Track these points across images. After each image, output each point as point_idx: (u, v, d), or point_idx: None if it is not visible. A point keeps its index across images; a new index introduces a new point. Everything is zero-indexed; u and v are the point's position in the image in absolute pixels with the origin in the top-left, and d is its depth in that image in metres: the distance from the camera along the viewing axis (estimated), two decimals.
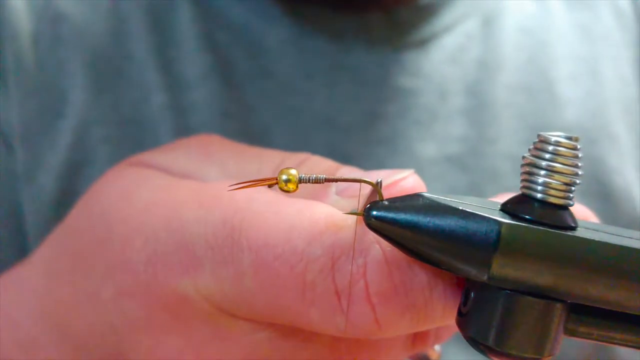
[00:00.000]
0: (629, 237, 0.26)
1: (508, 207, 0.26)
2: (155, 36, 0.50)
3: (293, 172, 0.27)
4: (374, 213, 0.26)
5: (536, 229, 0.24)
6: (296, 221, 0.27)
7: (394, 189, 0.29)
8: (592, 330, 0.26)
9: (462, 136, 0.51)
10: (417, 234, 0.25)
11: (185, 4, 0.50)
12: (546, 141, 0.25)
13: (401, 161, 0.49)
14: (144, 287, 0.30)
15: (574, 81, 0.54)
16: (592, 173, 0.52)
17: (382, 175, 0.29)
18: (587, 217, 0.33)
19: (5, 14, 0.48)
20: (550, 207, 0.25)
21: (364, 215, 0.26)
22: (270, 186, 0.27)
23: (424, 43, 0.52)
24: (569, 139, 0.25)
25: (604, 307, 0.25)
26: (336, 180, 0.28)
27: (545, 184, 0.25)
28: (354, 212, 0.27)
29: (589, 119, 0.54)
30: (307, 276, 0.27)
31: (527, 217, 0.25)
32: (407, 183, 0.30)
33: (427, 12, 0.52)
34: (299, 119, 0.49)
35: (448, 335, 0.33)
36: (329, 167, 0.31)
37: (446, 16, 0.53)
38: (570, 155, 0.25)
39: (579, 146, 0.25)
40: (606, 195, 0.52)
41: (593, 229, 0.26)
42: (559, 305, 0.25)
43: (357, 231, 0.27)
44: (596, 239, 0.24)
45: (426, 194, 0.26)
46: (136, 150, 0.38)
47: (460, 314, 0.26)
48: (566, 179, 0.25)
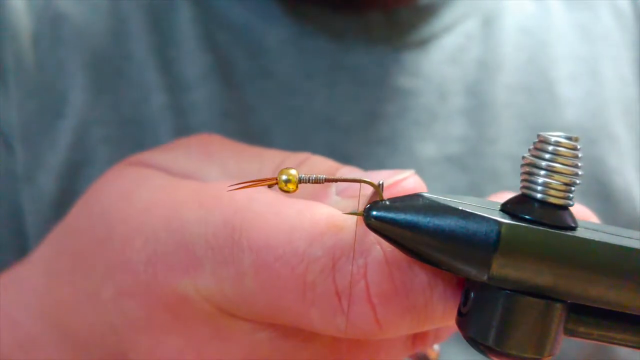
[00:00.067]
0: (629, 237, 0.26)
1: (508, 207, 0.26)
2: (155, 36, 0.50)
3: (293, 172, 0.27)
4: (374, 213, 0.26)
5: (536, 229, 0.24)
6: (297, 222, 0.27)
7: (394, 189, 0.29)
8: (592, 330, 0.26)
9: (462, 136, 0.51)
10: (417, 234, 0.25)
11: (185, 4, 0.50)
12: (546, 141, 0.25)
13: (401, 161, 0.49)
14: (144, 287, 0.30)
15: (573, 81, 0.54)
16: (592, 173, 0.52)
17: (383, 176, 0.29)
18: (587, 218, 0.33)
19: (5, 14, 0.48)
20: (550, 207, 0.25)
21: (363, 215, 0.26)
22: (270, 186, 0.27)
23: (424, 43, 0.52)
24: (569, 139, 0.25)
25: (604, 307, 0.25)
26: (336, 181, 0.28)
27: (545, 184, 0.25)
28: (354, 213, 0.27)
29: (589, 119, 0.54)
30: (307, 277, 0.27)
31: (527, 217, 0.25)
32: (408, 184, 0.30)
33: (427, 12, 0.52)
34: (299, 119, 0.49)
35: (448, 335, 0.33)
36: (330, 167, 0.31)
37: (446, 16, 0.53)
38: (570, 155, 0.25)
39: (579, 146, 0.25)
40: (606, 195, 0.52)
41: (593, 229, 0.26)
42: (559, 305, 0.25)
43: (357, 232, 0.27)
44: (596, 239, 0.24)
45: (426, 194, 0.26)
46: (136, 150, 0.38)
47: (460, 314, 0.26)
48: (566, 179, 0.25)
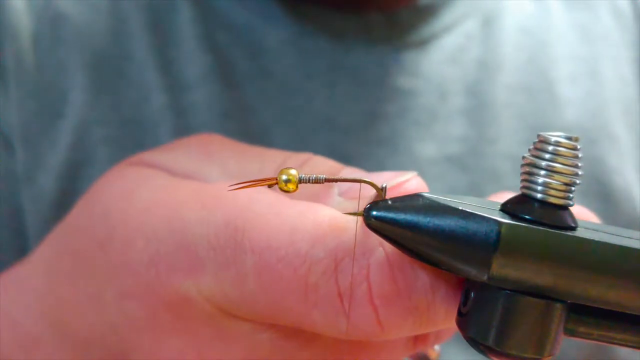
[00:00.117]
0: (629, 237, 0.26)
1: (508, 207, 0.26)
2: (155, 36, 0.49)
3: (293, 172, 0.27)
4: (374, 213, 0.25)
5: (536, 229, 0.24)
6: (299, 223, 0.27)
7: (397, 191, 0.29)
8: (592, 330, 0.26)
9: (462, 136, 0.51)
10: (417, 234, 0.25)
11: (185, 4, 0.50)
12: (546, 141, 0.25)
13: (401, 161, 0.49)
14: (145, 287, 0.30)
15: (573, 81, 0.54)
16: (592, 173, 0.52)
17: (385, 177, 0.29)
18: (587, 218, 0.33)
19: (5, 14, 0.48)
20: (550, 207, 0.25)
21: (363, 215, 0.26)
22: (270, 186, 0.27)
23: (423, 43, 0.52)
24: (569, 139, 0.25)
25: (604, 307, 0.25)
26: (336, 181, 0.27)
27: (545, 184, 0.25)
28: (354, 213, 0.27)
29: (589, 119, 0.54)
30: (309, 278, 0.27)
31: (527, 217, 0.25)
32: (411, 185, 0.29)
33: (427, 13, 0.52)
34: (299, 119, 0.49)
35: (448, 336, 0.33)
36: (332, 168, 0.31)
37: (446, 16, 0.53)
38: (570, 155, 0.25)
39: (579, 146, 0.25)
40: (606, 195, 0.52)
41: (593, 229, 0.26)
42: (559, 306, 0.25)
43: (360, 233, 0.27)
44: (596, 239, 0.24)
45: (426, 194, 0.25)
46: (136, 150, 0.38)
47: (460, 314, 0.26)
48: (566, 179, 0.25)
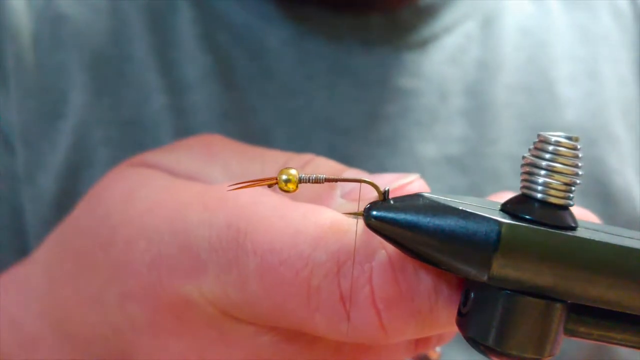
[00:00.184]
0: (629, 237, 0.26)
1: (508, 207, 0.26)
2: (156, 37, 0.49)
3: (293, 172, 0.27)
4: (374, 213, 0.25)
5: (536, 229, 0.24)
6: (302, 226, 0.27)
7: (399, 193, 0.29)
8: (592, 330, 0.26)
9: (462, 137, 0.51)
10: (417, 234, 0.25)
11: (185, 5, 0.50)
12: (546, 141, 0.25)
13: (401, 162, 0.49)
14: (147, 289, 0.30)
15: (573, 81, 0.54)
16: (592, 173, 0.52)
17: (388, 179, 0.29)
18: (587, 218, 0.33)
19: (5, 14, 0.48)
20: (550, 207, 0.25)
21: (363, 215, 0.26)
22: (270, 186, 0.27)
23: (424, 44, 0.52)
24: (569, 139, 0.25)
25: (604, 307, 0.25)
26: (336, 181, 0.27)
27: (545, 184, 0.25)
28: (353, 213, 0.27)
29: (588, 119, 0.54)
30: (312, 281, 0.27)
31: (527, 217, 0.25)
32: (413, 188, 0.29)
33: (427, 13, 0.52)
34: (299, 120, 0.49)
35: (450, 337, 0.32)
36: (334, 169, 0.31)
37: (446, 17, 0.53)
38: (570, 155, 0.25)
39: (579, 146, 0.25)
40: (606, 195, 0.52)
41: (593, 229, 0.26)
42: (559, 306, 0.25)
43: (363, 236, 0.27)
44: (596, 239, 0.24)
45: (426, 194, 0.26)
46: (136, 151, 0.38)
47: (460, 314, 0.26)
48: (566, 179, 0.25)
